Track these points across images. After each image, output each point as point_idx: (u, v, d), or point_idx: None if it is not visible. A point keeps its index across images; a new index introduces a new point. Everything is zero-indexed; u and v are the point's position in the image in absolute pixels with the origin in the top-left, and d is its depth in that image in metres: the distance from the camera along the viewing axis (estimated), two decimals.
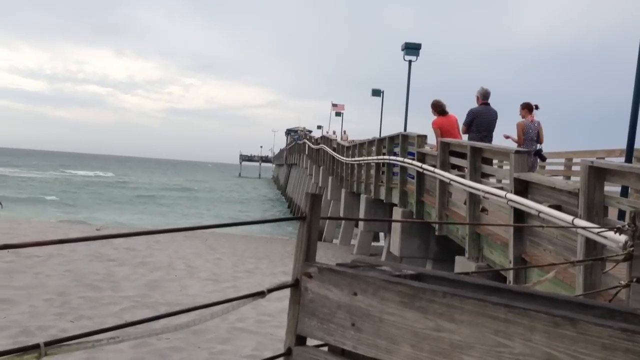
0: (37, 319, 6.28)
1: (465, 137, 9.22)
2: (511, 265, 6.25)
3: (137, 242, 12.96)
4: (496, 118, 9.19)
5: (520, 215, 6.14)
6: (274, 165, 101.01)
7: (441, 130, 9.64)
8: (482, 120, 8.95)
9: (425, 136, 11.30)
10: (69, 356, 4.85)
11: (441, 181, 9.19)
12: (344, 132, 29.50)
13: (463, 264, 7.93)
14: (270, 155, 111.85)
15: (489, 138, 8.86)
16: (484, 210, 7.82)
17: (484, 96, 9.11)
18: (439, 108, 9.78)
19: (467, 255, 7.94)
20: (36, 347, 1.83)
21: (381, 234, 19.70)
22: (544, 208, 5.33)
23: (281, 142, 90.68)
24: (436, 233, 9.88)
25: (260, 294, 2.43)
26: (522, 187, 6.17)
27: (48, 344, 1.86)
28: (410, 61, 21.27)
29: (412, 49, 21.16)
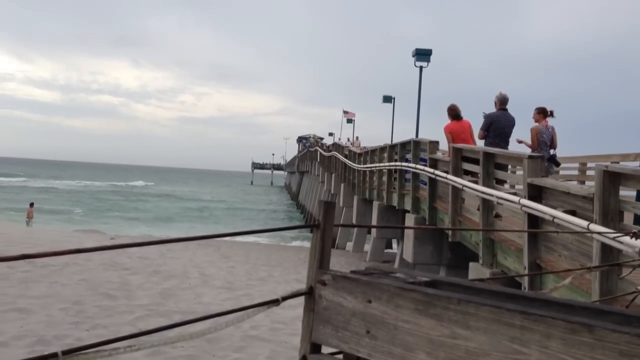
0: (53, 328, 6.33)
1: (481, 143, 9.16)
2: (526, 272, 6.20)
3: (150, 251, 13.02)
4: (513, 124, 9.08)
5: (534, 220, 6.10)
6: (285, 173, 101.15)
7: (452, 136, 9.60)
8: (498, 126, 8.89)
9: (437, 142, 11.27)
10: None
11: (454, 187, 9.15)
12: (356, 137, 29.49)
13: (477, 271, 7.88)
14: (282, 162, 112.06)
15: (503, 144, 8.79)
16: (497, 216, 7.77)
17: (502, 102, 9.06)
18: (452, 112, 9.75)
19: (481, 261, 7.90)
20: (54, 356, 1.84)
21: (394, 241, 19.64)
22: (558, 213, 5.29)
23: (293, 150, 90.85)
24: (449, 239, 9.83)
25: (275, 302, 2.43)
26: (536, 193, 6.13)
27: (66, 352, 1.87)
28: (421, 67, 21.29)
29: (422, 54, 21.18)
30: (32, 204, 26.25)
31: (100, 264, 10.66)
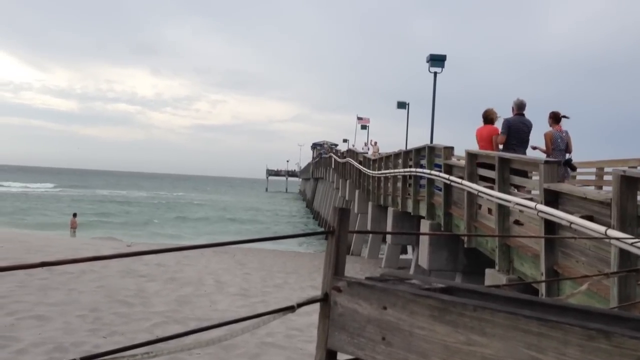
0: (71, 335, 6.38)
1: (501, 148, 9.10)
2: (543, 278, 6.15)
3: (166, 258, 13.10)
4: (530, 129, 9.04)
5: (551, 226, 6.05)
6: (300, 180, 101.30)
7: (477, 139, 9.62)
8: (515, 131, 8.86)
9: (452, 148, 11.23)
10: None
11: (469, 193, 9.11)
12: (375, 142, 29.44)
13: (493, 277, 7.83)
14: (296, 169, 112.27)
15: (521, 150, 8.74)
16: (518, 222, 7.71)
17: (519, 107, 9.02)
18: (483, 116, 9.70)
19: (497, 267, 7.84)
20: None
21: (409, 247, 19.57)
22: (575, 219, 5.24)
23: (307, 156, 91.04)
24: (465, 245, 9.78)
25: (290, 309, 2.44)
26: (553, 198, 6.08)
27: (83, 359, 1.90)
28: (435, 73, 21.25)
29: (437, 60, 21.14)
30: (75, 214, 26.69)
31: (117, 271, 10.74)
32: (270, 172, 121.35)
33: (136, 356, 2.02)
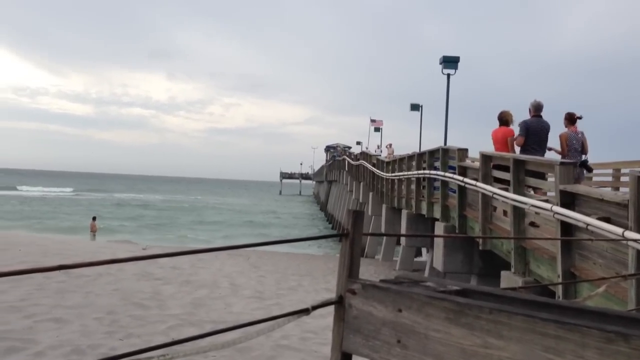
0: (88, 337, 6.43)
1: (518, 150, 9.04)
2: (560, 280, 6.09)
3: (181, 261, 13.17)
4: (548, 131, 8.96)
5: (567, 228, 6.00)
6: (314, 182, 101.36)
7: (492, 140, 9.58)
8: (533, 133, 8.80)
9: (466, 150, 11.18)
10: None
11: (484, 195, 9.06)
12: (390, 144, 29.37)
13: (509, 279, 7.77)
14: (310, 172, 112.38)
15: (540, 151, 8.67)
16: (533, 224, 7.65)
17: (536, 108, 8.95)
18: (498, 117, 9.65)
19: (513, 270, 7.78)
20: None
21: (423, 250, 19.49)
22: (592, 220, 5.19)
23: (321, 159, 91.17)
24: (480, 248, 9.72)
25: (305, 311, 2.44)
26: (569, 200, 6.03)
27: None
28: (448, 75, 21.17)
29: (450, 62, 21.06)
30: (94, 218, 26.94)
31: (133, 274, 10.81)
32: (284, 175, 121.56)
33: (152, 358, 2.03)
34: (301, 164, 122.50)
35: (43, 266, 2.01)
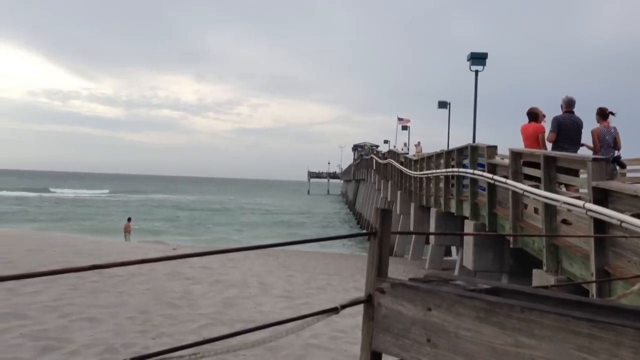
0: (121, 336, 6.54)
1: (550, 146, 8.90)
2: (593, 278, 5.98)
3: (211, 261, 13.30)
4: (581, 127, 8.80)
5: (601, 225, 5.88)
6: (342, 181, 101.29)
7: (522, 137, 9.45)
8: (565, 129, 8.65)
9: (495, 147, 11.05)
10: None
11: (514, 192, 8.94)
12: (418, 143, 29.16)
13: (541, 278, 7.65)
14: (338, 171, 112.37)
15: (571, 148, 8.52)
16: (565, 222, 7.53)
17: (568, 104, 8.79)
18: (528, 112, 9.51)
19: (545, 268, 7.67)
20: None
21: (453, 248, 19.33)
22: (626, 217, 5.08)
23: (348, 158, 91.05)
24: (511, 246, 9.60)
25: (334, 310, 2.44)
26: (602, 196, 5.91)
27: None
28: (476, 71, 20.98)
29: (478, 58, 20.87)
30: (129, 219, 27.42)
31: (164, 274, 10.96)
32: (312, 175, 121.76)
33: (184, 357, 2.06)
34: (329, 163, 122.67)
35: (76, 266, 2.05)
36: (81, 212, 51.69)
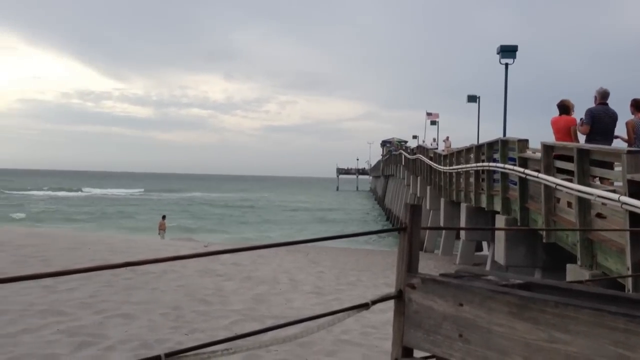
0: (155, 332, 6.65)
1: (583, 139, 8.74)
2: (629, 273, 5.85)
3: (242, 258, 13.40)
4: (615, 119, 8.61)
5: (636, 218, 5.75)
6: (370, 178, 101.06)
7: (553, 130, 9.30)
8: (598, 121, 8.48)
9: (527, 140, 10.89)
10: None
11: (546, 186, 8.81)
12: (447, 137, 28.89)
13: (575, 273, 7.52)
14: (366, 167, 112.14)
15: (604, 140, 8.34)
16: (600, 215, 7.38)
17: (603, 96, 8.62)
18: (559, 105, 9.36)
19: (579, 263, 7.54)
20: (157, 358, 1.95)
21: (484, 243, 19.12)
22: None
23: (377, 154, 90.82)
24: (544, 240, 9.46)
25: (365, 306, 2.45)
26: (637, 189, 5.78)
27: (168, 355, 1.98)
28: (506, 64, 20.69)
29: (508, 51, 20.57)
30: (164, 217, 27.76)
31: (196, 271, 11.09)
32: (341, 171, 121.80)
33: (217, 352, 2.09)
34: (357, 159, 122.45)
35: (110, 263, 2.09)
36: (116, 211, 52.72)
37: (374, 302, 2.43)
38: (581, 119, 8.83)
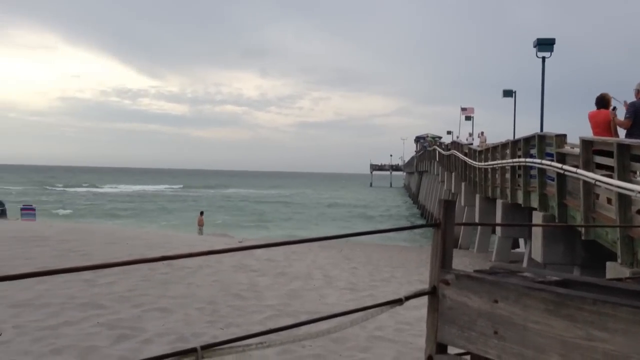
0: (191, 326, 6.76)
1: (623, 134, 8.52)
2: None
3: (276, 253, 13.50)
4: None
5: None
6: (404, 174, 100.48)
7: (590, 124, 9.10)
8: (639, 116, 8.27)
9: (565, 135, 10.67)
10: None
11: (585, 182, 8.62)
12: (482, 133, 28.47)
13: (615, 270, 7.35)
14: (400, 163, 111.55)
15: None
16: None
17: None
18: (597, 99, 9.16)
19: (619, 260, 7.36)
20: (193, 350, 1.99)
21: (521, 240, 18.82)
22: None
23: (410, 150, 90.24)
24: (582, 237, 9.26)
25: (398, 302, 2.44)
26: None
27: (204, 347, 2.01)
28: (543, 58, 20.31)
29: (545, 44, 20.18)
30: (202, 213, 28.19)
31: (231, 266, 11.22)
32: (374, 167, 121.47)
33: (251, 346, 2.11)
34: (391, 155, 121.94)
35: (147, 257, 2.14)
36: (157, 207, 53.65)
37: (407, 298, 2.43)
38: (612, 112, 8.64)
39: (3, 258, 10.72)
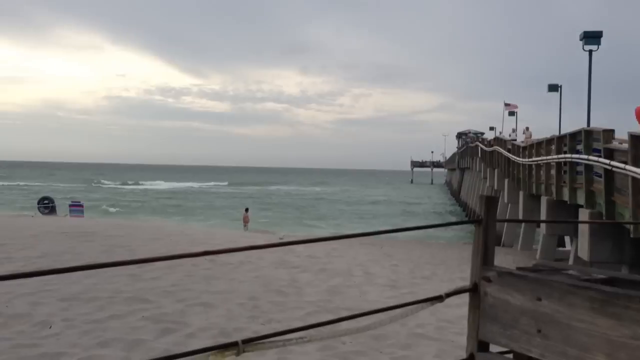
0: (233, 321, 6.85)
1: None
2: None
3: (317, 250, 13.55)
4: None
5: None
6: (445, 170, 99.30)
7: (638, 120, 8.84)
8: None
9: (612, 131, 10.36)
10: (261, 356, 5.22)
11: (634, 178, 8.36)
12: (527, 128, 27.87)
13: None
14: (441, 160, 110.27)
15: None
16: None
17: None
18: None
19: None
20: (235, 344, 2.02)
21: (567, 238, 18.37)
22: None
23: (452, 146, 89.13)
24: (631, 235, 8.98)
25: (438, 299, 2.42)
26: None
27: (245, 341, 2.05)
28: (590, 51, 19.76)
29: (592, 37, 19.62)
30: (247, 209, 28.49)
31: (271, 263, 11.31)
32: (415, 164, 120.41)
33: (291, 340, 2.14)
34: (432, 152, 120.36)
35: (190, 252, 2.19)
36: (204, 204, 54.47)
37: (448, 295, 2.41)
38: None
39: (54, 253, 11.10)
